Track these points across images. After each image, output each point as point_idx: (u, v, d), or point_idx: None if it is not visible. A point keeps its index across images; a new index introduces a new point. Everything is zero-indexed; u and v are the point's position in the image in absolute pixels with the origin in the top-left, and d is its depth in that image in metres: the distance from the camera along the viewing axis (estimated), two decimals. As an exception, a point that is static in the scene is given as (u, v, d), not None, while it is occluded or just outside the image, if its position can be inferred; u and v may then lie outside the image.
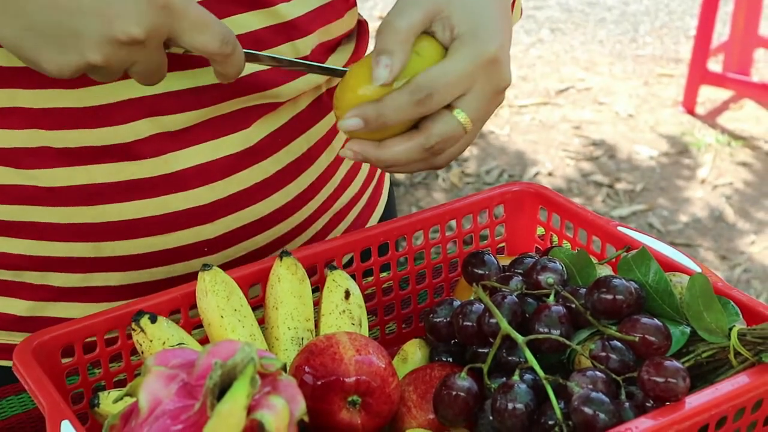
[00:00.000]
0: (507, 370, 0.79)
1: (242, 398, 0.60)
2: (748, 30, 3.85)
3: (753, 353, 0.77)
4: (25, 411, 0.92)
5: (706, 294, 0.80)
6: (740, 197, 3.32)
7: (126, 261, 0.94)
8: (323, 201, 1.04)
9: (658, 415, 0.72)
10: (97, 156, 0.89)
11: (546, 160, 3.51)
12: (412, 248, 0.98)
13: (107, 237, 0.93)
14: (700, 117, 3.79)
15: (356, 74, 0.84)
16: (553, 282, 0.84)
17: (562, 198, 1.00)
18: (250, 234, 0.98)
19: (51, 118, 0.87)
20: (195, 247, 0.95)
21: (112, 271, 0.95)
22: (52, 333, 0.82)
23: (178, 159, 0.91)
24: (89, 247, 0.93)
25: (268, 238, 0.99)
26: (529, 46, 4.44)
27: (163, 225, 0.93)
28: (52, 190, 0.90)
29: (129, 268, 0.95)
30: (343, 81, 0.85)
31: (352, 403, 0.79)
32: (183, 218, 0.94)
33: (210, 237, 0.96)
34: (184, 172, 0.92)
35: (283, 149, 0.98)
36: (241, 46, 0.82)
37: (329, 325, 0.88)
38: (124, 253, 0.94)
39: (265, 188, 0.97)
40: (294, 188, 1.00)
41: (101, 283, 0.95)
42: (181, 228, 0.94)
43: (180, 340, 0.83)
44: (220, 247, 0.97)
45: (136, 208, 0.92)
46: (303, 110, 0.99)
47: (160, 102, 0.89)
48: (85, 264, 0.94)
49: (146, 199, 0.92)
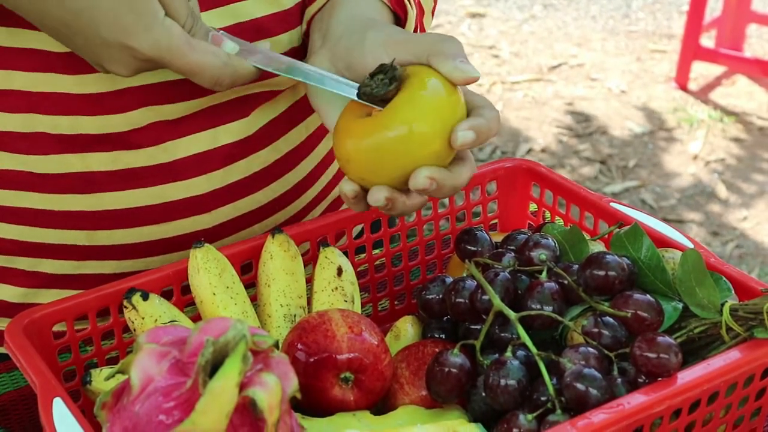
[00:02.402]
0: (499, 346, 0.79)
1: (234, 375, 0.60)
2: (741, 5, 3.84)
3: (745, 329, 0.77)
4: (16, 389, 0.92)
5: (699, 270, 0.80)
6: (732, 173, 3.33)
7: (120, 250, 0.94)
8: (321, 189, 1.04)
9: (651, 390, 0.72)
10: (93, 144, 0.88)
11: (539, 137, 3.51)
12: (404, 225, 0.98)
13: (102, 225, 0.92)
14: (692, 93, 3.79)
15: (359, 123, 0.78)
16: (546, 258, 0.84)
17: (554, 174, 1.00)
18: (248, 223, 0.97)
19: (48, 102, 0.86)
20: (192, 237, 0.95)
21: (106, 260, 0.94)
22: (44, 310, 0.81)
23: (176, 148, 0.91)
24: (83, 235, 0.93)
25: (266, 226, 0.99)
26: (522, 22, 4.43)
27: (160, 214, 0.93)
28: (46, 177, 0.89)
29: (123, 257, 0.95)
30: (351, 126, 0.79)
31: (344, 380, 0.79)
32: (180, 208, 0.93)
33: (207, 226, 0.95)
34: (182, 161, 0.91)
35: (282, 138, 0.97)
36: (246, 69, 0.81)
37: (322, 302, 0.88)
38: (118, 242, 0.93)
39: (263, 177, 0.96)
40: (293, 177, 0.99)
41: (95, 271, 0.95)
42: (178, 217, 0.93)
43: (172, 318, 0.83)
44: (217, 236, 0.96)
45: (132, 197, 0.91)
46: (302, 98, 0.98)
47: (159, 91, 0.88)
48: (79, 251, 0.94)
49: (143, 188, 0.91)
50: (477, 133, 0.76)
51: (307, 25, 0.92)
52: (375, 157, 0.77)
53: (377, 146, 0.76)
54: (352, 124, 0.78)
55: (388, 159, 0.76)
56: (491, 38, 4.27)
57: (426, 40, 0.80)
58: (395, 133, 0.76)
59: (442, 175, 0.77)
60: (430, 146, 0.76)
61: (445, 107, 0.76)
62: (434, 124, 0.76)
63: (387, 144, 0.76)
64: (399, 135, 0.76)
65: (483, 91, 3.80)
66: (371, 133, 0.77)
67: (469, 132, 0.76)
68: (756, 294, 0.81)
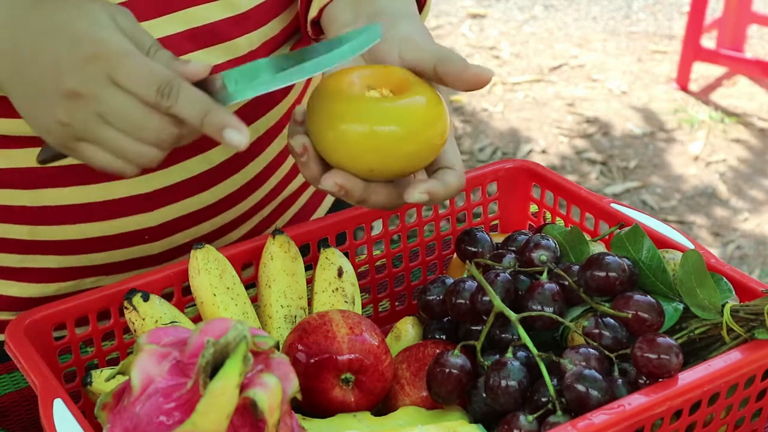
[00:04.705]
0: (500, 347, 0.79)
1: (235, 376, 0.60)
2: (742, 6, 3.84)
3: (746, 330, 0.77)
4: (17, 389, 0.92)
5: (699, 270, 0.80)
6: (733, 174, 3.32)
7: (63, 246, 0.93)
8: (270, 189, 1.03)
9: (651, 391, 0.72)
10: (38, 141, 0.85)
11: (539, 138, 3.51)
12: (405, 226, 0.98)
13: (44, 221, 0.91)
14: (693, 94, 3.79)
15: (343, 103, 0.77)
16: (546, 259, 0.84)
17: (555, 175, 1.00)
18: (194, 222, 0.97)
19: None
20: (135, 235, 0.94)
21: (48, 254, 0.94)
22: (45, 311, 0.81)
23: None
24: (25, 230, 0.92)
25: (213, 225, 0.98)
26: (522, 23, 4.43)
27: (104, 212, 0.92)
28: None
29: (66, 253, 0.94)
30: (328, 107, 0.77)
31: (345, 381, 0.79)
32: (125, 205, 0.92)
33: (152, 225, 0.94)
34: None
35: None
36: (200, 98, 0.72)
37: (322, 303, 0.88)
38: (60, 237, 0.92)
39: (211, 177, 0.95)
40: (240, 178, 0.98)
41: (38, 265, 0.95)
42: (123, 215, 0.92)
43: (172, 319, 0.83)
44: (162, 234, 0.95)
45: (76, 193, 0.90)
46: (252, 100, 0.97)
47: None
48: (22, 246, 0.93)
49: (88, 185, 0.90)
50: (431, 197, 0.77)
51: (319, 12, 0.90)
52: (362, 142, 0.76)
53: (369, 134, 0.76)
54: (346, 101, 0.77)
55: (371, 149, 0.76)
56: (492, 39, 4.27)
57: (437, 48, 0.80)
58: (393, 129, 0.75)
59: (433, 187, 0.77)
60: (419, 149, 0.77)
61: (439, 120, 0.77)
62: (433, 135, 0.77)
63: (381, 136, 0.76)
64: (396, 132, 0.75)
65: (484, 92, 3.80)
66: (364, 118, 0.76)
67: (423, 195, 0.77)
68: (757, 295, 0.81)
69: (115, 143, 0.73)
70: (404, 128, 0.76)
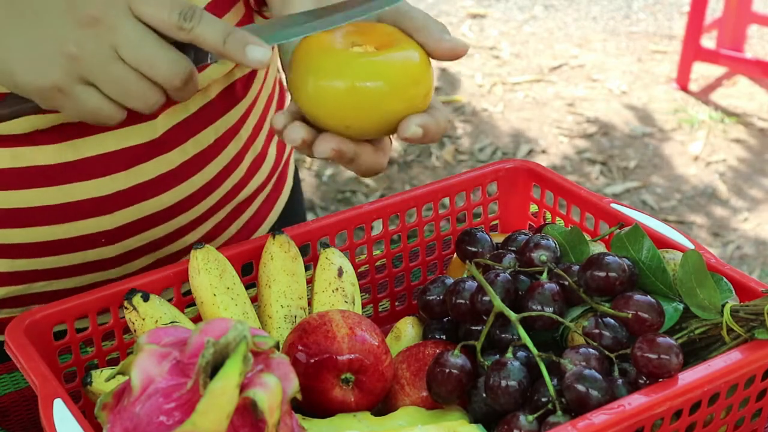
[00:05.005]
0: (500, 347, 0.79)
1: (235, 376, 0.60)
2: (742, 6, 3.84)
3: (746, 330, 0.77)
4: (17, 390, 0.92)
5: (699, 270, 0.80)
6: (733, 174, 3.32)
7: (13, 249, 0.91)
8: (227, 191, 1.02)
9: (651, 391, 0.72)
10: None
11: (539, 138, 3.51)
12: (405, 226, 0.98)
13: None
14: (693, 94, 3.79)
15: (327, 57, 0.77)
16: (546, 259, 0.84)
17: (555, 175, 1.00)
18: (150, 225, 0.96)
19: None
20: (91, 238, 0.93)
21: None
22: (44, 311, 0.81)
23: (83, 146, 0.88)
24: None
25: (169, 228, 0.97)
26: (522, 23, 4.43)
27: (61, 214, 0.90)
28: None
29: (18, 256, 0.92)
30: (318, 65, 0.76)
31: (345, 381, 0.79)
32: (83, 208, 0.91)
33: (109, 228, 0.93)
34: (88, 161, 0.89)
35: (191, 140, 0.95)
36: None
37: (322, 303, 0.88)
38: (13, 240, 0.91)
39: (169, 179, 0.94)
40: (199, 179, 0.97)
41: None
42: (80, 218, 0.91)
43: (172, 318, 0.83)
44: (119, 238, 0.94)
45: (33, 195, 0.89)
46: (213, 99, 0.96)
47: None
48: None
49: (46, 186, 0.89)
50: (425, 131, 0.77)
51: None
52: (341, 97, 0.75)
53: (349, 89, 0.75)
54: (327, 55, 0.77)
55: (361, 104, 0.75)
56: (492, 39, 4.27)
57: (416, 16, 0.80)
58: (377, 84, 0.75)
59: (427, 121, 0.77)
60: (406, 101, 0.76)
61: (425, 75, 0.77)
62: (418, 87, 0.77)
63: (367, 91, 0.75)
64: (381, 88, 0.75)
65: (484, 92, 3.80)
66: (344, 73, 0.75)
67: (418, 129, 0.77)
68: (757, 295, 0.81)
69: (122, 81, 0.74)
70: (387, 84, 0.75)
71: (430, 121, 0.77)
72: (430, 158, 3.38)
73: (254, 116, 1.03)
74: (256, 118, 1.03)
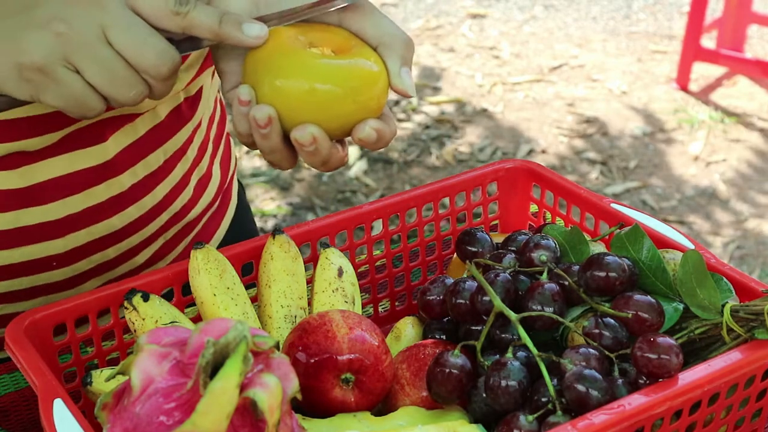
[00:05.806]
0: (500, 347, 0.79)
1: (235, 376, 0.60)
2: (742, 6, 3.84)
3: (746, 330, 0.77)
4: (17, 390, 0.92)
5: (699, 270, 0.80)
6: (733, 174, 3.32)
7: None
8: (176, 212, 1.01)
9: (651, 391, 0.72)
10: None
11: (539, 138, 3.51)
12: (405, 226, 0.98)
13: None
14: (693, 94, 3.79)
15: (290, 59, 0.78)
16: (546, 259, 0.84)
17: (555, 175, 1.00)
18: (101, 247, 0.95)
19: None
20: (42, 262, 0.92)
21: None
22: (44, 311, 0.81)
23: (34, 172, 0.88)
24: None
25: (119, 250, 0.97)
26: (522, 23, 4.43)
27: (13, 239, 0.90)
28: None
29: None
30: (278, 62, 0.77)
31: (345, 381, 0.79)
32: (34, 233, 0.90)
33: (60, 251, 0.92)
34: (39, 186, 0.89)
35: (140, 162, 0.95)
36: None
37: (322, 303, 0.88)
38: None
39: (120, 202, 0.94)
40: (149, 201, 0.97)
41: None
42: (30, 243, 0.91)
43: (172, 319, 0.83)
44: (69, 261, 0.94)
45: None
46: (162, 121, 0.96)
47: (17, 128, 0.85)
48: None
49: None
50: (379, 135, 0.78)
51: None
52: (301, 97, 0.76)
53: (308, 90, 0.76)
54: (287, 55, 0.77)
55: (316, 105, 0.77)
56: (492, 39, 4.27)
57: (381, 32, 0.80)
58: (337, 89, 0.76)
59: (381, 126, 0.79)
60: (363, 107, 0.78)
61: (383, 83, 0.79)
62: (377, 97, 0.78)
63: (329, 93, 0.76)
64: (341, 91, 0.76)
65: (484, 92, 3.80)
66: (305, 73, 0.76)
67: (372, 132, 0.78)
68: (757, 295, 0.81)
69: (108, 65, 0.73)
70: (342, 88, 0.77)
71: (384, 126, 0.79)
72: (430, 158, 3.38)
73: (199, 136, 1.03)
74: (201, 138, 1.03)
